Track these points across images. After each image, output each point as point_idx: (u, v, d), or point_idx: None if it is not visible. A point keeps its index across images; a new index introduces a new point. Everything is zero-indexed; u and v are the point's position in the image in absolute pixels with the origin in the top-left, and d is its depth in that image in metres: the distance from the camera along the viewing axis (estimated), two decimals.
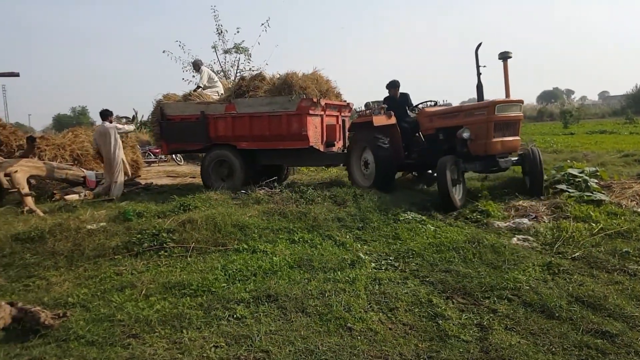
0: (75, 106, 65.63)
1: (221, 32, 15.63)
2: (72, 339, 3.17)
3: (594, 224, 5.55)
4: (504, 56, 7.33)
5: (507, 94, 7.44)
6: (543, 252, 4.96)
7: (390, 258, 4.84)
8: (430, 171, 8.67)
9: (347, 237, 5.55)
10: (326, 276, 4.24)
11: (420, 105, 8.78)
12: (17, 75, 10.83)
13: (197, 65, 10.52)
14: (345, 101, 9.95)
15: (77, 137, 10.71)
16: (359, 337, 3.19)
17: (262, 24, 15.37)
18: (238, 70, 15.99)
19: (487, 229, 5.79)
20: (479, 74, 7.58)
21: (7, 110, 48.71)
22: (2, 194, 7.93)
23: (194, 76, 13.67)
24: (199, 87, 9.98)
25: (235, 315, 3.46)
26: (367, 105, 8.84)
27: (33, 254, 4.93)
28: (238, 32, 17.57)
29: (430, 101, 8.64)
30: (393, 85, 8.90)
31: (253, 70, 15.46)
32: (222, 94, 9.72)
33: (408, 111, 8.80)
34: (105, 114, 8.85)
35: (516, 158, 7.65)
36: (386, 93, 8.83)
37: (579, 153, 13.09)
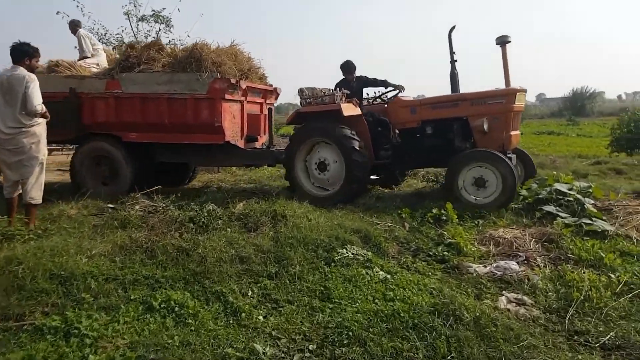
0: None
1: None
2: None
3: (611, 275, 3.81)
4: (502, 41, 6.23)
5: (507, 83, 6.30)
6: (551, 329, 3.13)
7: (310, 347, 2.82)
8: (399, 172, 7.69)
9: (249, 294, 3.49)
10: None
11: (383, 95, 7.27)
12: None
13: (74, 27, 7.99)
14: (271, 85, 7.88)
15: None
16: None
17: None
18: None
19: (460, 278, 3.93)
20: (453, 61, 6.58)
21: None
22: None
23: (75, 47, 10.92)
24: (85, 57, 7.56)
25: None
26: (300, 91, 7.02)
27: None
28: None
29: (397, 88, 7.06)
30: (348, 68, 7.40)
31: (174, 45, 12.97)
32: (105, 67, 7.31)
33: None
34: (23, 53, 4.77)
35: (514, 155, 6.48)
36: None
37: (544, 157, 11.71)
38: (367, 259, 4.12)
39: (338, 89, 6.86)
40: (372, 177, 7.08)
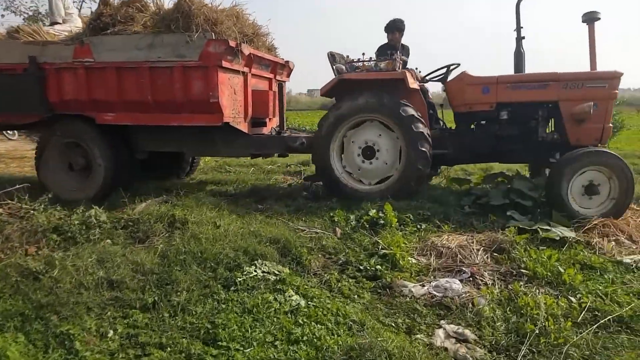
0: None
1: None
2: None
3: (572, 298, 3.15)
4: (590, 17, 5.21)
5: (593, 66, 5.30)
6: None
7: None
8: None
9: (110, 335, 2.61)
10: None
11: (432, 74, 5.92)
12: None
13: None
14: (282, 59, 6.48)
15: None
16: None
17: None
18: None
19: (392, 302, 3.17)
20: (519, 38, 5.54)
21: None
22: None
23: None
24: (55, 22, 6.39)
25: None
26: (331, 55, 5.77)
27: None
28: None
29: (454, 64, 5.77)
30: (395, 28, 6.20)
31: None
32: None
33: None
34: None
35: None
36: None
37: None
38: (280, 278, 3.30)
39: (395, 52, 5.47)
40: None
